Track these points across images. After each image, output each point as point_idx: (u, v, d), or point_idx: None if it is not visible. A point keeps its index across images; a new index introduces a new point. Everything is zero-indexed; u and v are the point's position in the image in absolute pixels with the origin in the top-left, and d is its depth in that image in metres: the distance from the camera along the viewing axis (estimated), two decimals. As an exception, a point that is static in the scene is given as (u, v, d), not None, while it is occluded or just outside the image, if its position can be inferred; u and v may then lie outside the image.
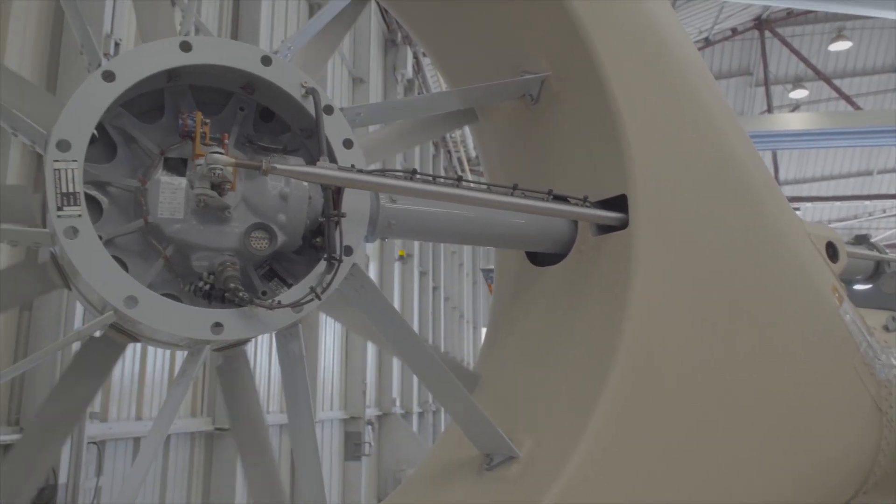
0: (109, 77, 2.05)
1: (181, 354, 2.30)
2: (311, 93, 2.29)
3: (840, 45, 27.78)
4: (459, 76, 3.18)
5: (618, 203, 2.60)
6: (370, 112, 2.60)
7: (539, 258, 2.98)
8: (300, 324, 2.24)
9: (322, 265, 2.19)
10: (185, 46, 2.16)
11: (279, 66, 2.27)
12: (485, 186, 2.47)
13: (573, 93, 2.72)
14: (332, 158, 2.27)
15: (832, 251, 3.30)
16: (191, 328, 2.03)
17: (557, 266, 2.83)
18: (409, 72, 20.30)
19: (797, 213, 3.29)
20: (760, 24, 28.10)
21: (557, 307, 2.76)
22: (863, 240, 4.21)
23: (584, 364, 2.52)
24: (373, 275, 16.37)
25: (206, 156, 1.99)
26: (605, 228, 2.65)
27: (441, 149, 25.84)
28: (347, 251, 2.23)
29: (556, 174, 2.81)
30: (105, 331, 2.26)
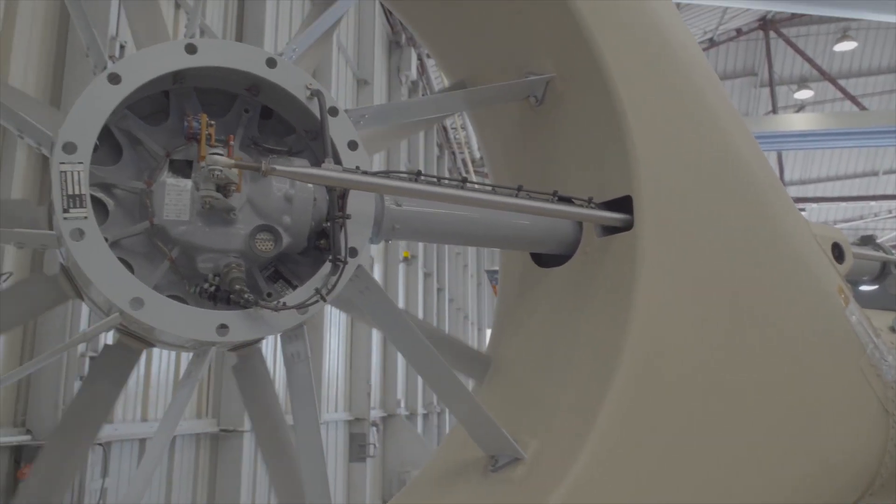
0: (115, 79, 2.06)
1: (186, 356, 2.32)
2: (316, 94, 2.29)
3: (845, 46, 27.71)
4: (464, 78, 3.18)
5: (623, 204, 2.60)
6: (375, 114, 2.60)
7: (544, 259, 2.98)
8: (305, 325, 2.24)
9: (327, 267, 2.19)
10: (191, 49, 2.16)
11: (284, 68, 2.28)
12: (489, 188, 2.47)
13: (578, 94, 2.72)
14: (337, 160, 2.27)
15: (838, 252, 3.29)
16: (196, 330, 2.04)
17: (562, 267, 2.83)
18: (414, 73, 20.32)
19: (803, 214, 3.29)
20: (765, 25, 28.05)
21: (562, 308, 2.76)
22: (868, 240, 4.20)
23: (590, 365, 2.52)
24: (377, 276, 16.37)
25: (206, 157, 2.00)
26: (610, 229, 2.64)
27: (445, 150, 25.85)
28: (352, 253, 2.23)
29: (561, 175, 2.81)
30: (119, 337, 2.28)
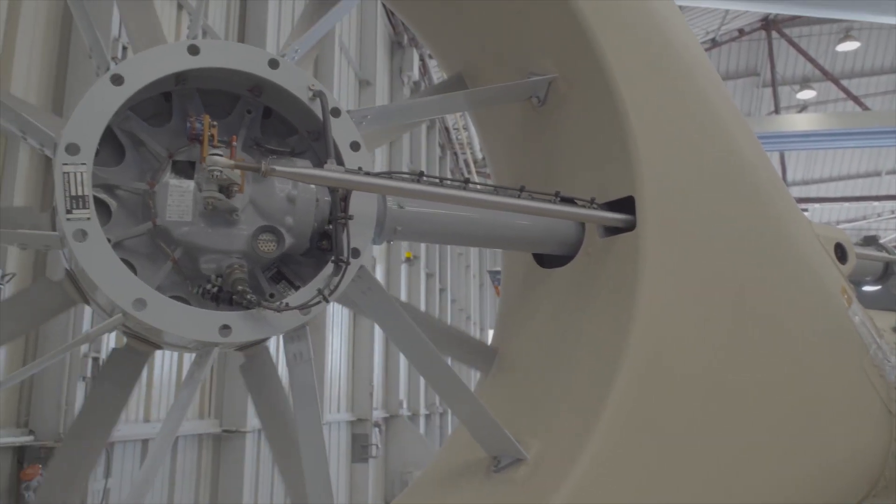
0: (118, 81, 2.06)
1: (189, 357, 2.32)
2: (319, 95, 2.29)
3: (848, 46, 27.66)
4: (467, 79, 3.18)
5: (625, 205, 2.60)
6: (377, 114, 2.60)
7: (546, 260, 2.98)
8: (307, 326, 2.24)
9: (329, 267, 2.20)
10: (193, 50, 2.17)
11: (286, 69, 2.28)
12: (492, 188, 2.46)
13: (580, 94, 2.72)
14: (340, 161, 2.28)
15: (841, 252, 3.29)
16: (199, 330, 2.04)
17: (565, 268, 2.82)
18: (416, 74, 20.32)
19: (805, 215, 3.28)
20: (767, 25, 28.02)
21: (565, 309, 2.76)
22: (872, 241, 4.19)
23: (592, 366, 2.52)
24: (380, 277, 16.38)
25: (206, 158, 2.00)
26: (613, 230, 2.64)
27: (448, 151, 25.86)
28: (355, 253, 2.23)
29: (564, 176, 2.81)
30: (127, 341, 2.29)
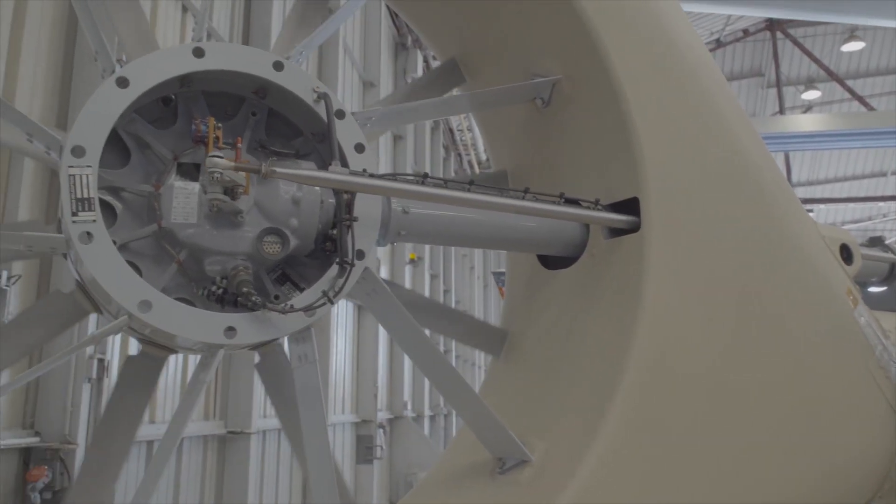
0: (123, 83, 2.07)
1: (193, 358, 2.33)
2: (323, 97, 2.30)
3: (853, 46, 27.61)
4: (470, 79, 3.18)
5: (629, 206, 2.59)
6: (382, 116, 2.60)
7: (551, 261, 2.98)
8: (312, 327, 2.25)
9: (334, 269, 2.20)
10: (198, 52, 2.17)
11: (291, 71, 2.29)
12: (496, 190, 2.46)
13: (584, 96, 2.71)
14: (344, 163, 2.28)
15: (846, 253, 3.28)
16: (204, 332, 2.04)
17: (569, 269, 2.82)
18: (420, 75, 20.34)
19: (810, 215, 3.27)
20: (772, 25, 27.99)
21: (569, 310, 2.76)
22: (877, 241, 4.18)
23: (597, 367, 2.51)
24: (384, 278, 16.36)
25: (207, 159, 2.00)
26: (617, 231, 2.64)
27: (452, 152, 25.87)
28: (359, 255, 2.24)
29: (568, 177, 2.80)
30: (142, 347, 2.31)
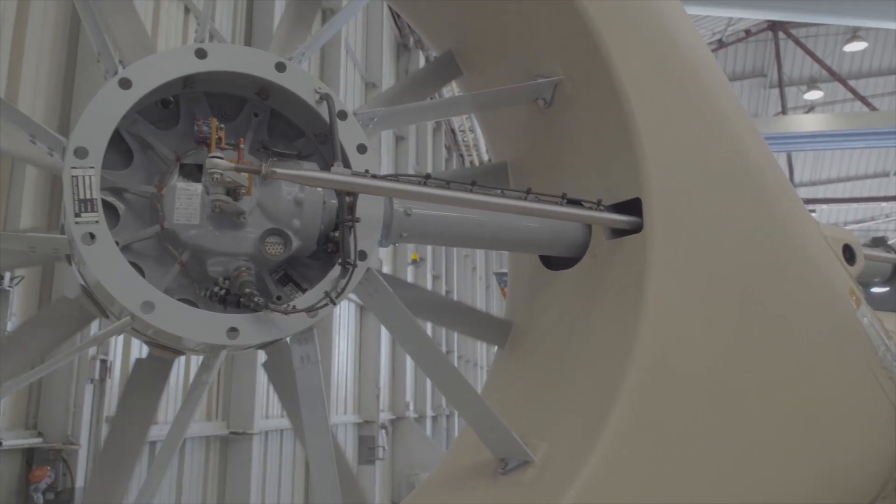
0: (126, 84, 2.07)
1: (196, 359, 2.34)
2: (326, 98, 2.30)
3: (855, 46, 27.57)
4: (472, 80, 3.18)
5: (632, 206, 2.59)
6: (384, 117, 2.60)
7: (553, 262, 2.98)
8: (315, 328, 2.25)
9: (337, 270, 2.20)
10: (201, 53, 2.18)
11: (293, 72, 2.29)
12: (498, 191, 2.46)
13: (586, 96, 2.71)
14: (346, 163, 2.28)
15: (849, 254, 3.27)
16: (206, 333, 2.05)
17: (571, 270, 2.82)
18: (422, 76, 20.31)
19: (813, 216, 3.27)
20: (774, 26, 27.95)
21: (572, 311, 2.76)
22: (880, 242, 4.17)
23: (599, 367, 2.51)
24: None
25: (206, 160, 2.00)
26: (620, 232, 2.64)
27: (454, 152, 25.88)
28: (362, 256, 2.24)
29: (570, 178, 2.80)
30: (150, 350, 2.33)
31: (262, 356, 2.45)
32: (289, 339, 2.30)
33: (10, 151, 2.29)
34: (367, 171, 2.26)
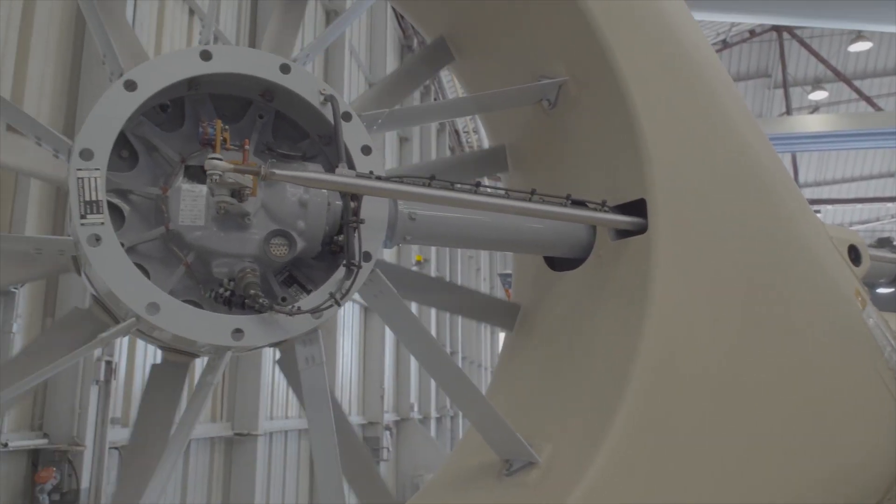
0: (131, 86, 2.08)
1: (200, 360, 2.36)
2: (330, 100, 2.30)
3: (860, 46, 27.47)
4: (477, 82, 3.18)
5: (637, 207, 2.59)
6: (388, 118, 2.61)
7: (557, 263, 2.97)
8: (319, 329, 2.25)
9: (341, 271, 2.20)
10: (206, 55, 2.18)
11: (298, 74, 2.29)
12: (502, 192, 2.46)
13: (591, 97, 2.71)
14: (351, 165, 2.28)
15: (854, 254, 3.26)
16: (211, 334, 2.05)
17: (576, 271, 2.82)
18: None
19: (818, 216, 3.26)
20: (779, 26, 27.87)
21: (576, 312, 2.75)
22: (886, 242, 4.16)
23: (604, 369, 2.51)
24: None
25: (206, 161, 2.01)
26: (624, 233, 2.63)
27: (458, 153, 25.86)
28: (366, 257, 2.24)
29: (575, 179, 2.80)
30: (164, 355, 2.34)
31: (268, 357, 2.46)
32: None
33: (11, 165, 2.30)
34: (372, 173, 2.26)
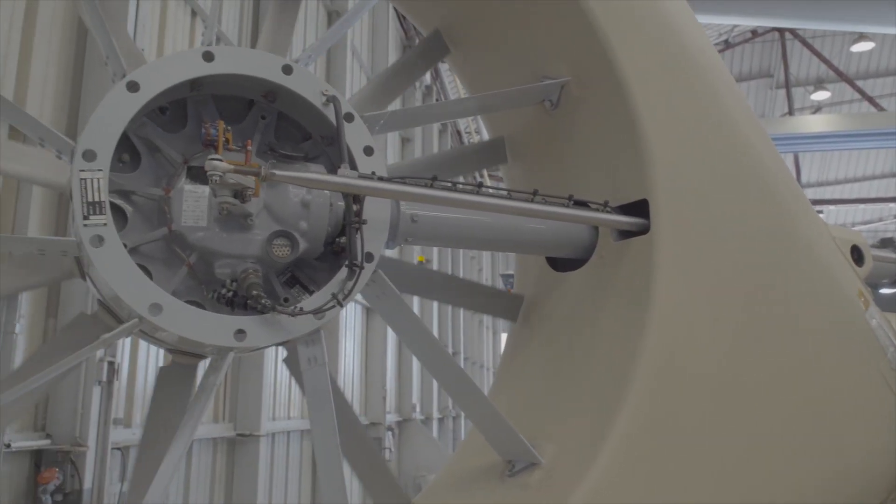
0: (134, 87, 2.08)
1: (203, 362, 2.37)
2: (332, 100, 2.30)
3: (862, 46, 27.44)
4: (479, 82, 3.18)
5: (639, 208, 2.59)
6: (390, 118, 2.61)
7: (560, 263, 2.97)
8: (322, 330, 2.25)
9: (343, 272, 2.20)
10: (208, 56, 2.18)
11: (300, 75, 2.29)
12: (505, 192, 2.46)
13: (593, 97, 2.71)
14: (353, 166, 2.28)
15: (857, 255, 3.26)
16: (214, 335, 2.05)
17: (578, 271, 2.82)
18: (427, 78, 20.37)
19: (820, 217, 3.25)
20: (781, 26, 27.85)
21: (579, 313, 2.75)
22: (888, 243, 4.15)
23: (607, 369, 2.51)
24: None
25: (206, 162, 2.01)
26: (627, 233, 2.63)
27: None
28: (369, 258, 2.24)
29: (577, 179, 2.80)
30: (172, 357, 2.35)
31: (270, 358, 2.47)
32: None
33: (11, 172, 2.30)
34: (374, 174, 2.26)
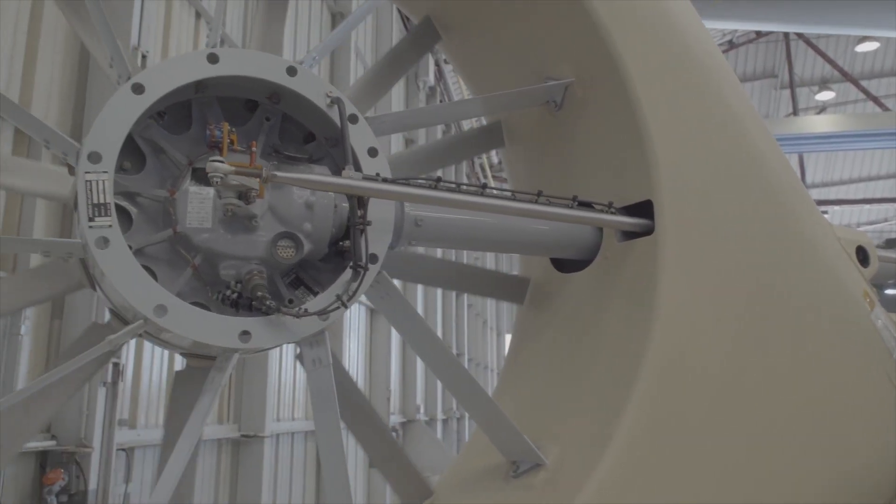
0: (139, 90, 2.09)
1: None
2: (336, 102, 2.31)
3: (867, 46, 27.37)
4: (483, 83, 3.18)
5: (643, 208, 2.58)
6: (394, 120, 2.61)
7: (564, 264, 2.97)
8: (326, 331, 2.25)
9: (348, 273, 2.21)
10: (213, 58, 2.19)
11: (304, 77, 2.30)
12: (509, 193, 2.46)
13: (597, 98, 2.71)
14: (357, 167, 2.29)
15: (863, 255, 3.25)
16: (219, 336, 2.06)
17: (583, 272, 2.81)
18: (431, 79, 20.36)
19: (825, 217, 3.25)
20: (785, 26, 27.77)
21: (583, 313, 2.75)
22: (894, 243, 4.14)
23: (611, 370, 2.51)
24: (397, 282, 16.38)
25: (207, 164, 2.02)
26: (631, 234, 2.63)
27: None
28: (373, 259, 2.24)
29: (581, 180, 2.80)
30: (187, 361, 2.39)
31: (274, 359, 2.47)
32: None
33: (11, 187, 2.32)
34: (378, 175, 2.26)
